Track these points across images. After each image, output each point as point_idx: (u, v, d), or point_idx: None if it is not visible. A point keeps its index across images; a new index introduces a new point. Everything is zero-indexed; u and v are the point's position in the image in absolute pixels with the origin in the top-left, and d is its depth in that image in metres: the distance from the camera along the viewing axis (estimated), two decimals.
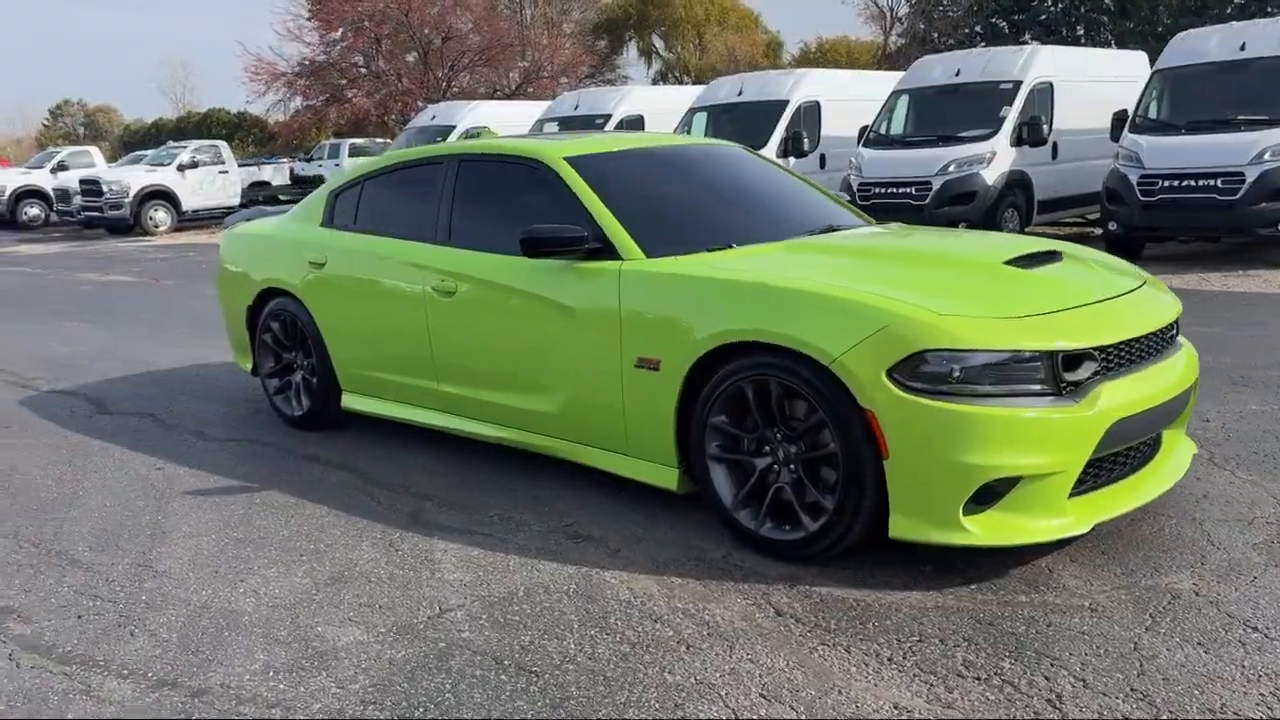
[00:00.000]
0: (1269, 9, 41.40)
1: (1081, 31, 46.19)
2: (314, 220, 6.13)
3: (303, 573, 4.14)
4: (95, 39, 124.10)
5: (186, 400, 7.16)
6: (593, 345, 4.51)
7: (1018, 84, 14.03)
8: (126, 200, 24.77)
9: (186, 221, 26.23)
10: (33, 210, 29.23)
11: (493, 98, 27.37)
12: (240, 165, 28.39)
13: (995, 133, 13.67)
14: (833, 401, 3.71)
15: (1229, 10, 42.39)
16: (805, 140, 15.94)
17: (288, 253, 6.11)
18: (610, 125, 17.94)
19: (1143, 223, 12.05)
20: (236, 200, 27.07)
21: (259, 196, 28.69)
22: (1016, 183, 13.75)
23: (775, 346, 3.87)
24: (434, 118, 21.31)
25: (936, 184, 13.36)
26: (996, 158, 13.48)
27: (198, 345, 9.31)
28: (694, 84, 36.69)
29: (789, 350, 3.81)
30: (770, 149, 15.61)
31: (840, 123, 16.42)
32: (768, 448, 4.05)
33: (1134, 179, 12.08)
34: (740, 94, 16.67)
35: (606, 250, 4.57)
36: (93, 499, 5.15)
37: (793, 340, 3.77)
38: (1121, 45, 32.04)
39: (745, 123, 15.79)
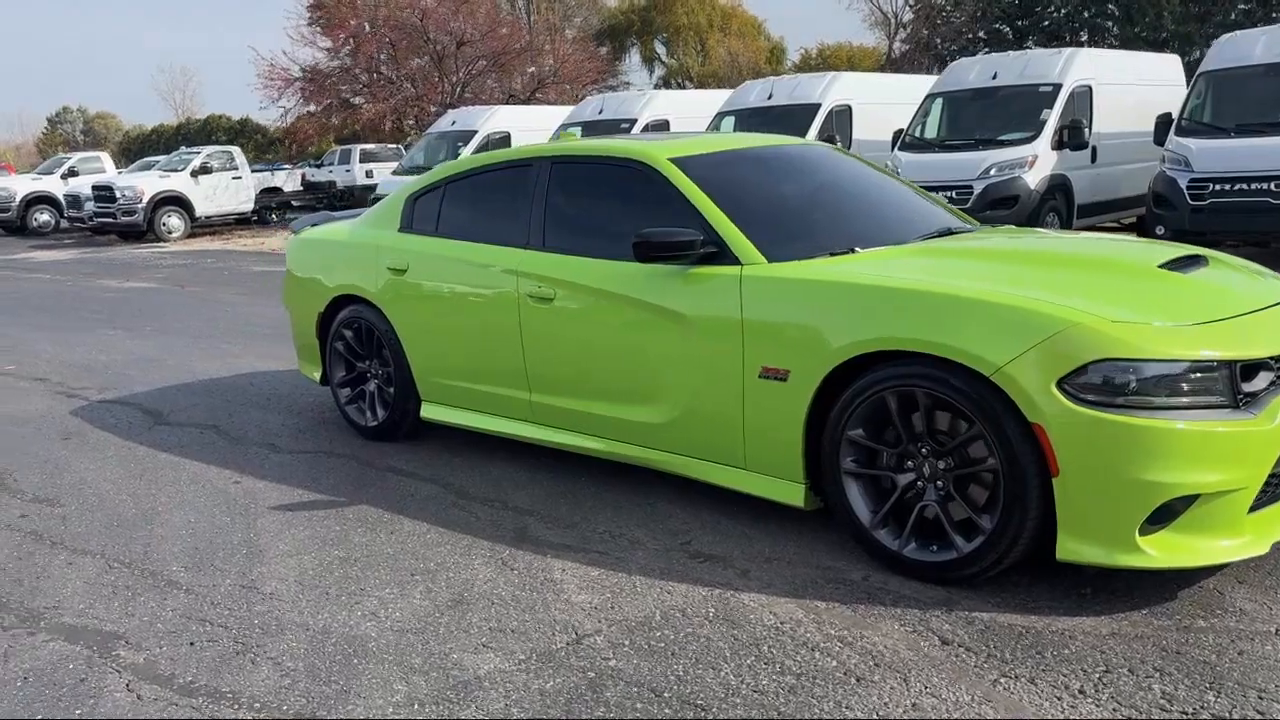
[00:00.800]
0: (1273, 14, 41.44)
1: (1085, 37, 46.14)
2: (390, 225, 5.92)
3: (420, 593, 3.93)
4: (94, 46, 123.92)
5: (246, 410, 6.95)
6: (709, 354, 4.31)
7: (1057, 87, 13.85)
8: (140, 206, 24.53)
9: (199, 227, 26.03)
10: (43, 216, 29.02)
11: (506, 103, 27.13)
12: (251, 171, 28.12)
13: (1036, 136, 13.49)
14: (993, 415, 3.50)
15: (1233, 16, 42.39)
16: (838, 144, 15.72)
17: (364, 259, 5.90)
18: (636, 129, 17.74)
19: (1193, 227, 11.83)
20: (250, 206, 26.85)
21: (272, 203, 28.50)
22: (1058, 186, 13.56)
23: (925, 355, 3.66)
24: (454, 123, 21.07)
25: (978, 188, 13.17)
26: (1038, 161, 13.29)
27: (241, 354, 9.11)
28: (696, 89, 36.47)
29: (942, 359, 3.61)
30: None
31: (872, 126, 16.25)
32: (910, 463, 3.84)
33: (1183, 183, 11.88)
34: (770, 98, 16.49)
35: (722, 255, 4.37)
36: (175, 515, 4.94)
37: (949, 349, 3.56)
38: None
39: (777, 127, 15.54)
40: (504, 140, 20.20)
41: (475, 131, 20.06)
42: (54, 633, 3.74)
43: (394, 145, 33.04)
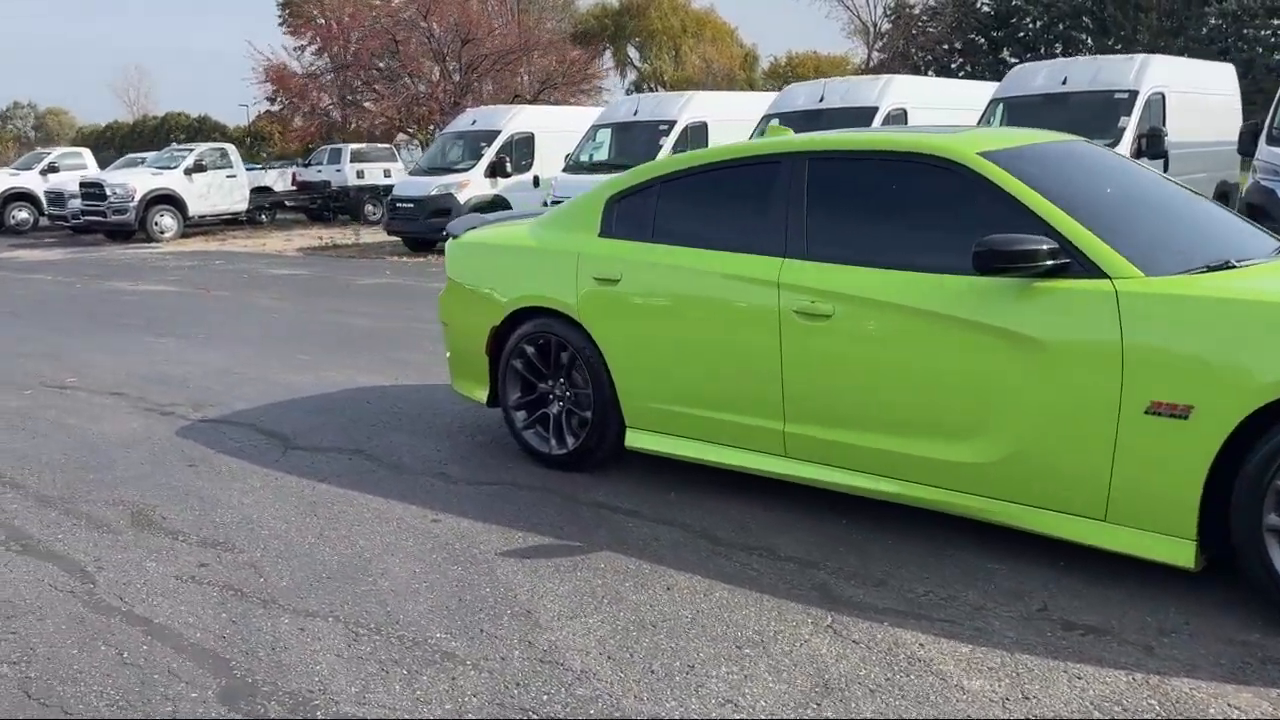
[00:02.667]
0: (1244, 30, 41.70)
1: (1060, 49, 46.33)
2: (587, 229, 5.21)
3: (767, 674, 3.24)
4: (48, 42, 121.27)
5: (382, 433, 6.20)
6: (1070, 384, 3.66)
7: (1134, 94, 13.37)
8: (132, 205, 23.45)
9: (190, 227, 24.97)
10: (21, 214, 27.77)
11: (512, 104, 26.31)
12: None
13: (1115, 144, 12.97)
14: None
15: (1204, 30, 42.69)
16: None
17: (558, 267, 5.18)
18: (675, 131, 17.05)
19: None
20: (244, 206, 25.86)
21: (265, 203, 27.55)
22: None
23: None
24: (474, 122, 20.18)
25: None
26: None
27: (320, 365, 8.34)
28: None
29: None
30: None
31: None
32: None
33: None
34: (821, 100, 15.86)
35: (1075, 267, 3.72)
36: (391, 563, 4.21)
37: None
38: None
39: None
40: (528, 140, 19.39)
41: (498, 131, 19.18)
42: None
43: (384, 145, 32.12)
